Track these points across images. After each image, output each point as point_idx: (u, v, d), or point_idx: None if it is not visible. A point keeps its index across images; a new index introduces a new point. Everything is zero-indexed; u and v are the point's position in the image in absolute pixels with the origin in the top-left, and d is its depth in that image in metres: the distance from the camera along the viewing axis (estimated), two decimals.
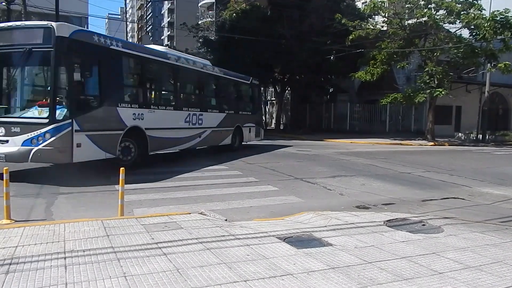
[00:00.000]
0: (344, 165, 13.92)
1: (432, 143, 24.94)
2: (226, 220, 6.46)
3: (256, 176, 11.20)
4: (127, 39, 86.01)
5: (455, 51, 24.54)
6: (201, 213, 6.66)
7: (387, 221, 6.33)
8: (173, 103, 13.63)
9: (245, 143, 19.24)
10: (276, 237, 5.18)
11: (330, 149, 20.38)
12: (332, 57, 29.32)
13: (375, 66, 26.47)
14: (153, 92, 12.93)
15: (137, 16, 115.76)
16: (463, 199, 9.12)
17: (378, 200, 8.68)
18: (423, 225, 6.25)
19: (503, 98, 37.73)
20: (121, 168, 6.59)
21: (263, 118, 30.98)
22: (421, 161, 15.73)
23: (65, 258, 4.05)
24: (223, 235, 5.15)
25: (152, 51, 12.76)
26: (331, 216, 6.48)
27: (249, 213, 7.31)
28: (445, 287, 3.83)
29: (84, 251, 4.27)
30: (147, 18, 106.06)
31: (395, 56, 26.07)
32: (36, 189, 8.52)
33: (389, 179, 11.34)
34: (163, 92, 13.71)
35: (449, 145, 25.32)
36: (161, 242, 4.71)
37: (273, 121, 42.95)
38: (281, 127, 38.59)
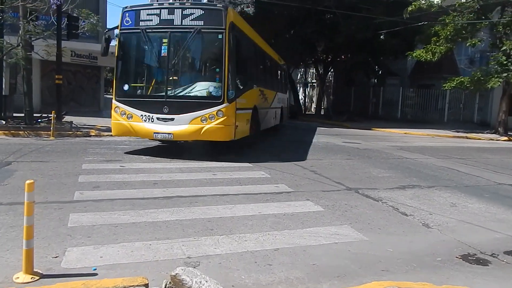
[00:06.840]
0: (411, 167, 10.20)
1: (505, 138, 20.60)
2: None
3: (289, 182, 7.74)
4: None
5: None
6: (172, 281, 3.29)
7: None
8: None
9: None
10: None
11: (384, 141, 16.59)
12: (382, 35, 25.23)
13: (437, 44, 22.21)
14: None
15: None
16: None
17: (494, 241, 5.07)
18: None
19: None
20: (27, 182, 3.31)
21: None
22: None
23: None
24: None
25: None
26: None
27: (271, 271, 3.90)
28: None
29: None
30: None
31: (463, 32, 21.65)
32: None
33: (488, 195, 7.58)
34: None
35: None
36: None
37: (313, 105, 39.05)
38: (322, 112, 34.70)
